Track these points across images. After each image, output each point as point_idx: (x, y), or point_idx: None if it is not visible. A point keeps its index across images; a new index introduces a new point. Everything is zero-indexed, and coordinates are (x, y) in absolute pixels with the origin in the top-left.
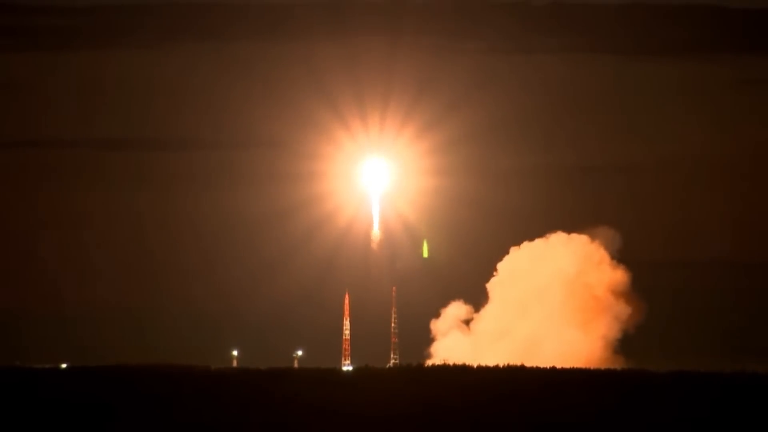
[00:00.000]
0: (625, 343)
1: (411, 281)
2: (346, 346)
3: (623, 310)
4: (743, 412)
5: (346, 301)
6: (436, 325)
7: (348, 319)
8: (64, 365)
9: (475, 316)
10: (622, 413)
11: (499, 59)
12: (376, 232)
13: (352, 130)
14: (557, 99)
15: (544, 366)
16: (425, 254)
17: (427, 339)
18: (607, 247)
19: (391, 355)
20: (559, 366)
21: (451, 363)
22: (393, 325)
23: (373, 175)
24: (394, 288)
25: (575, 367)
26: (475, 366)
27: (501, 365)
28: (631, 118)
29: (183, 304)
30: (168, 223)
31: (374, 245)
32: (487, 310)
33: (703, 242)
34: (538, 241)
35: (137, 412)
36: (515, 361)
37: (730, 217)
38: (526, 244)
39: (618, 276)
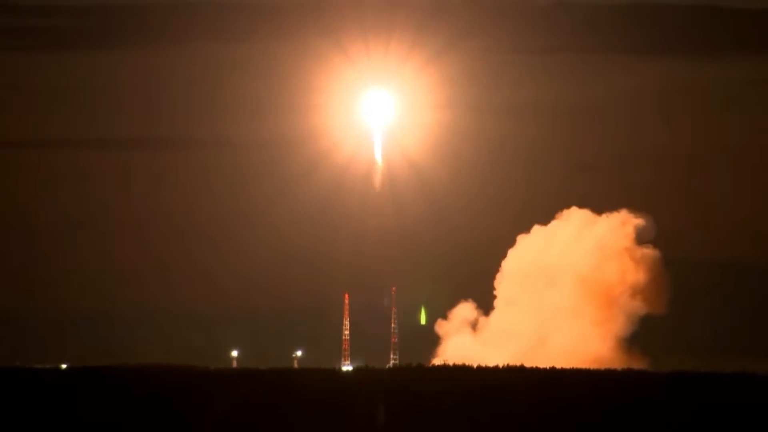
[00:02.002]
0: (626, 341)
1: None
2: (345, 346)
3: (639, 309)
4: (743, 412)
5: (346, 301)
6: (443, 327)
7: (348, 319)
8: (64, 365)
9: (483, 316)
10: (622, 414)
11: (499, 58)
12: (378, 165)
13: (352, 58)
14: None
15: (544, 366)
16: (423, 321)
17: (430, 340)
18: (638, 237)
19: (391, 355)
20: (563, 366)
21: (451, 363)
22: (393, 325)
23: (376, 109)
24: (393, 288)
25: (575, 367)
26: (474, 366)
27: (501, 366)
28: (631, 118)
29: (183, 304)
30: (167, 222)
31: (376, 187)
32: (494, 311)
33: (704, 242)
34: (553, 224)
35: (137, 412)
36: (524, 360)
37: (730, 217)
38: (536, 229)
39: (640, 275)
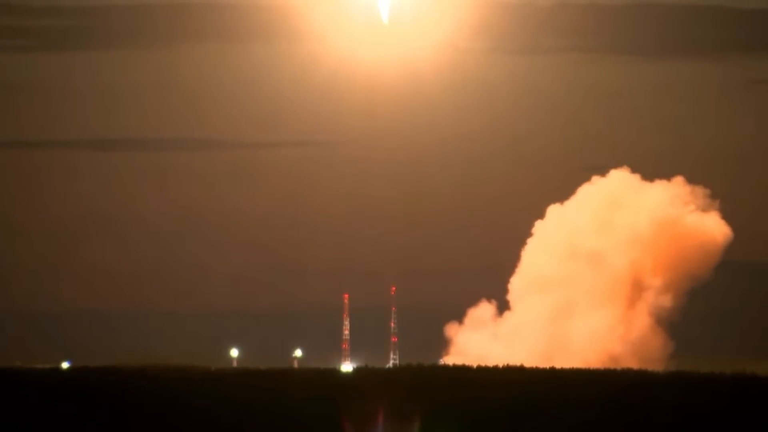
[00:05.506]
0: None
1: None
2: (345, 346)
3: (666, 304)
4: (743, 413)
5: (346, 301)
6: (453, 328)
7: (348, 319)
8: (64, 365)
9: (498, 317)
10: (621, 414)
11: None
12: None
13: None
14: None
15: (544, 366)
16: None
17: (434, 340)
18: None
19: (391, 355)
20: (578, 365)
21: (451, 364)
22: (392, 325)
23: None
24: (393, 287)
25: (574, 367)
26: (474, 366)
27: (500, 366)
28: (634, 117)
29: (183, 304)
30: (167, 222)
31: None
32: (509, 310)
33: None
34: (577, 196)
35: (137, 412)
36: (540, 359)
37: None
38: (555, 209)
39: (674, 279)
